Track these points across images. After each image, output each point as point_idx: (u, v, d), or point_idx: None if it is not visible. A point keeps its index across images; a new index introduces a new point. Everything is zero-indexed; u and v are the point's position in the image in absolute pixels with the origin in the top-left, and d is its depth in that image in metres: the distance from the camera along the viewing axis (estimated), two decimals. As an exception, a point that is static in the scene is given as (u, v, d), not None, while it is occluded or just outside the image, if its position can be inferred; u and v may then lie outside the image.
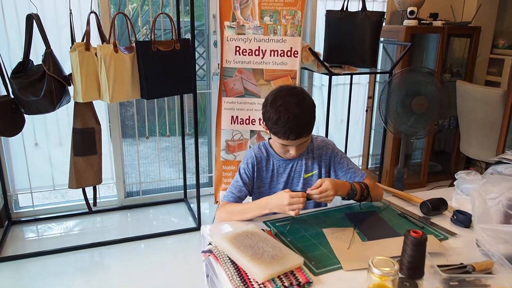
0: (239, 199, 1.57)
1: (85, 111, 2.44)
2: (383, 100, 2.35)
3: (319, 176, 1.60)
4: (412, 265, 1.09)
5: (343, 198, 1.48)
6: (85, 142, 2.47)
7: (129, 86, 2.44)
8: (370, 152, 3.96)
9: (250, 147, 2.81)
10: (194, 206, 3.12)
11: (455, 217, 1.43)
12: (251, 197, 1.65)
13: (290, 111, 1.37)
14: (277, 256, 1.13)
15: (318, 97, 3.62)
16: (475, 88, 3.24)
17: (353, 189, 1.45)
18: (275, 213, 1.65)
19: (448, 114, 2.64)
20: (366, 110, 3.81)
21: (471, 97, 3.26)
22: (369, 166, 4.01)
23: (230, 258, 1.17)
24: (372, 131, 3.88)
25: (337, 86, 3.66)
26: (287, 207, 1.33)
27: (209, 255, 1.21)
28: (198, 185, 2.91)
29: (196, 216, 2.96)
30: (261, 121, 2.87)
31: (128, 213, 3.20)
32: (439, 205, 1.49)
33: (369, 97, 3.78)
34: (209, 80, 3.33)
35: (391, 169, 3.60)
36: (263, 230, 1.33)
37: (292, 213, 1.33)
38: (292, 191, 1.36)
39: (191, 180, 3.40)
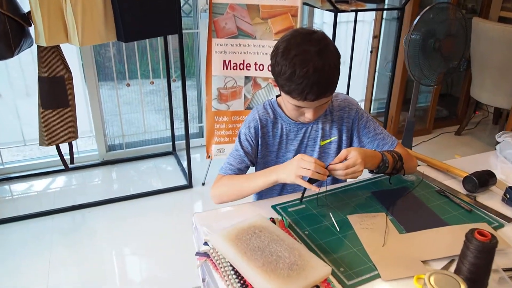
0: (239, 172, 1.28)
1: (51, 56, 2.08)
2: (410, 50, 1.99)
3: (339, 143, 1.30)
4: (475, 276, 0.83)
5: (371, 172, 1.20)
6: (54, 93, 2.15)
7: (101, 26, 2.07)
8: (373, 97, 3.65)
9: (244, 95, 2.49)
10: (184, 159, 2.84)
11: (507, 196, 1.16)
12: (254, 168, 1.37)
13: (309, 64, 1.04)
14: (296, 265, 0.86)
15: (319, 37, 3.24)
16: (494, 26, 2.92)
17: (384, 161, 1.16)
18: (282, 191, 1.38)
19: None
20: (371, 51, 3.45)
21: (487, 36, 2.93)
22: (372, 111, 3.73)
23: (233, 267, 0.90)
24: (376, 74, 3.55)
25: (340, 24, 3.27)
26: (295, 169, 1.06)
27: (205, 260, 0.94)
28: (187, 137, 2.61)
29: (187, 172, 2.68)
30: (256, 65, 2.58)
31: (111, 170, 2.91)
32: (487, 180, 1.21)
33: (374, 37, 3.40)
34: (197, 18, 2.91)
35: (396, 115, 3.34)
36: (272, 220, 1.05)
37: (304, 184, 1.06)
38: None
39: (179, 130, 3.09)
